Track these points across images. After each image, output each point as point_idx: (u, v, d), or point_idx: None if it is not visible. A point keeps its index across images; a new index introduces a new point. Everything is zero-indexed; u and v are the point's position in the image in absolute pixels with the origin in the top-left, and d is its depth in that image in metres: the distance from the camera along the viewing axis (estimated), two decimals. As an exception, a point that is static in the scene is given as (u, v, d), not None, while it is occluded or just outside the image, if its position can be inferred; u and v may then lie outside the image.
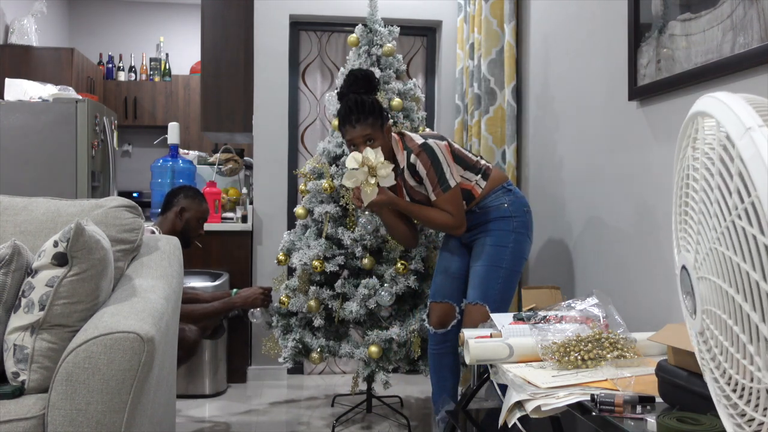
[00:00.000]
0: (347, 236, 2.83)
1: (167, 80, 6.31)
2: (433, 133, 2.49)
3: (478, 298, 2.36)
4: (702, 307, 0.84)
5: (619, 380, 1.36)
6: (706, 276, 0.82)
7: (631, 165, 2.16)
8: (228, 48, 3.96)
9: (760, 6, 1.51)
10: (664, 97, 1.96)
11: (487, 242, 2.40)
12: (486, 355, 1.56)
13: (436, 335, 2.53)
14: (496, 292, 2.35)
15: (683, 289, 0.92)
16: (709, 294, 0.81)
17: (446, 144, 2.38)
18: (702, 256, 0.82)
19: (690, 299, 0.88)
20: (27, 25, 5.17)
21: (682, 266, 0.91)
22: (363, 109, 2.30)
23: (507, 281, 2.38)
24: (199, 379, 3.45)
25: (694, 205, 0.85)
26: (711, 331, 0.83)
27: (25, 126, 3.83)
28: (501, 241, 2.39)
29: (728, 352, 0.78)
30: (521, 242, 2.41)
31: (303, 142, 3.99)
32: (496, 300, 2.34)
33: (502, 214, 2.40)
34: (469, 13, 3.50)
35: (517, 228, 2.40)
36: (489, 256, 2.38)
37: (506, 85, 3.16)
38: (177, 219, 2.88)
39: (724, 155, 0.76)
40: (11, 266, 1.72)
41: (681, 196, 0.92)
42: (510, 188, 2.47)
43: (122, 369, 1.52)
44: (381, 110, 2.36)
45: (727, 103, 0.76)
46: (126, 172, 6.26)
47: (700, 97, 0.86)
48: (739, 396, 0.77)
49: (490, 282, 2.36)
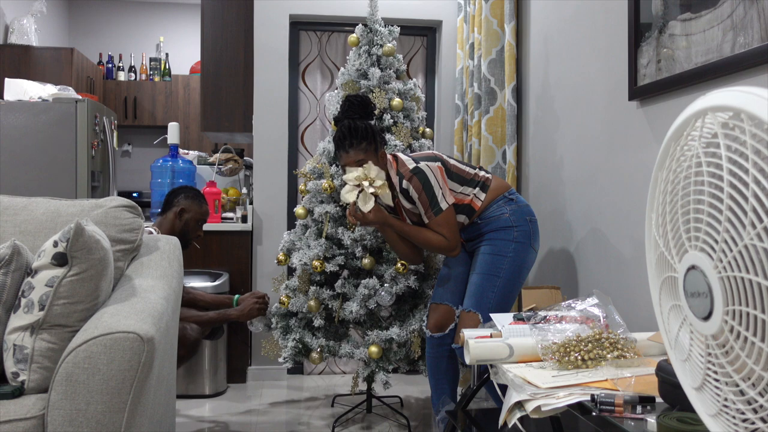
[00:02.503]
0: (347, 236, 2.83)
1: (167, 80, 6.31)
2: (426, 153, 2.48)
3: (471, 306, 2.37)
4: (725, 308, 0.81)
5: (619, 380, 1.36)
6: (737, 275, 0.78)
7: (632, 165, 2.16)
8: (228, 48, 3.96)
9: (760, 6, 1.51)
10: (664, 97, 1.96)
11: (486, 251, 2.40)
12: (486, 355, 1.56)
13: (432, 339, 2.52)
14: (491, 301, 2.35)
15: (688, 292, 0.89)
16: (737, 293, 0.78)
17: (439, 165, 2.38)
18: (733, 254, 0.79)
19: (702, 301, 0.86)
20: (27, 24, 5.17)
21: (689, 268, 0.89)
22: (356, 134, 2.33)
23: (504, 290, 2.37)
24: (199, 379, 3.45)
25: (716, 203, 0.82)
26: (735, 333, 0.80)
27: (25, 126, 3.83)
28: (500, 251, 2.38)
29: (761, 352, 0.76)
30: (522, 252, 2.39)
31: (303, 142, 3.99)
32: (491, 309, 2.33)
33: (503, 225, 2.40)
34: (469, 13, 3.50)
35: (518, 238, 2.39)
36: (487, 264, 2.38)
37: (506, 85, 3.16)
38: (176, 220, 2.88)
39: (762, 147, 0.73)
40: (11, 266, 1.72)
41: (684, 195, 0.90)
42: (512, 197, 2.45)
43: (122, 369, 1.52)
44: (375, 135, 2.37)
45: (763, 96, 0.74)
46: (126, 172, 6.26)
47: (707, 93, 0.84)
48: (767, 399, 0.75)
49: (486, 291, 2.36)
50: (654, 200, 1.00)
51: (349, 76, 3.01)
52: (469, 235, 2.49)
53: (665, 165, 0.95)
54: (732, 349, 0.81)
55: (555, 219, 2.80)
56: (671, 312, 0.98)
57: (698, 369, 0.90)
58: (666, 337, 1.02)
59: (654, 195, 1.00)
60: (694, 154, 0.87)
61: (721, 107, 0.81)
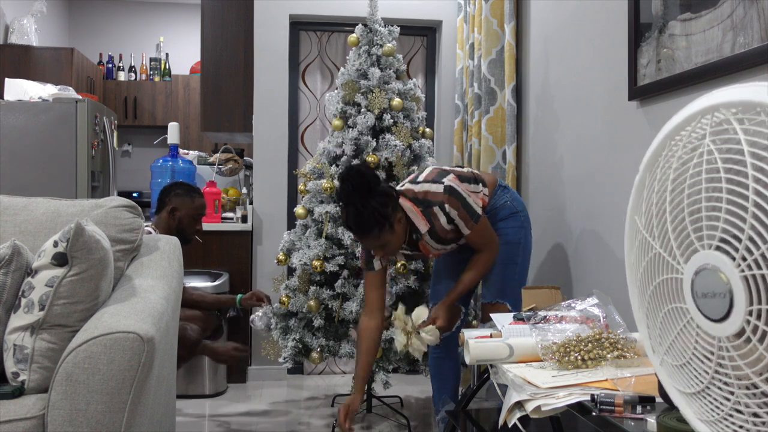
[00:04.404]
0: (347, 236, 2.83)
1: (167, 80, 6.31)
2: (436, 170, 2.35)
3: (497, 296, 2.39)
4: (748, 308, 0.79)
5: (619, 380, 1.36)
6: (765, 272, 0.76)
7: (632, 165, 2.16)
8: (228, 48, 3.96)
9: (760, 6, 1.51)
10: (664, 97, 1.96)
11: (500, 241, 2.40)
12: (486, 355, 1.56)
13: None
14: (514, 289, 2.37)
15: (699, 293, 0.87)
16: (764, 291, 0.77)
17: (454, 176, 2.29)
18: (762, 251, 0.77)
19: (717, 301, 0.83)
20: (27, 24, 5.17)
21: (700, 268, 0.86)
22: (362, 227, 2.15)
23: (521, 276, 2.43)
24: (199, 379, 3.45)
25: (740, 201, 0.79)
26: (761, 332, 0.78)
27: (25, 126, 3.83)
28: (513, 239, 2.41)
29: None
30: (529, 237, 2.47)
31: (303, 142, 3.99)
32: (515, 295, 2.35)
33: (510, 211, 2.43)
34: (469, 13, 3.50)
35: (524, 223, 2.45)
36: (504, 253, 2.39)
37: (506, 85, 3.16)
38: (170, 218, 2.83)
39: None
40: (11, 266, 1.72)
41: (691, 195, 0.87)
42: (505, 186, 2.50)
43: (122, 369, 1.52)
44: (383, 215, 2.15)
45: None
46: (126, 172, 6.26)
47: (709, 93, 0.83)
48: None
49: (508, 280, 2.39)
50: (641, 202, 0.98)
51: (349, 76, 3.01)
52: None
53: (658, 165, 0.94)
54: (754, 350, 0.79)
55: (555, 219, 2.80)
56: (666, 316, 0.96)
57: (700, 373, 0.89)
58: (649, 342, 1.00)
59: (641, 197, 0.98)
60: (704, 151, 0.85)
61: (737, 103, 0.79)
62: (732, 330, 0.82)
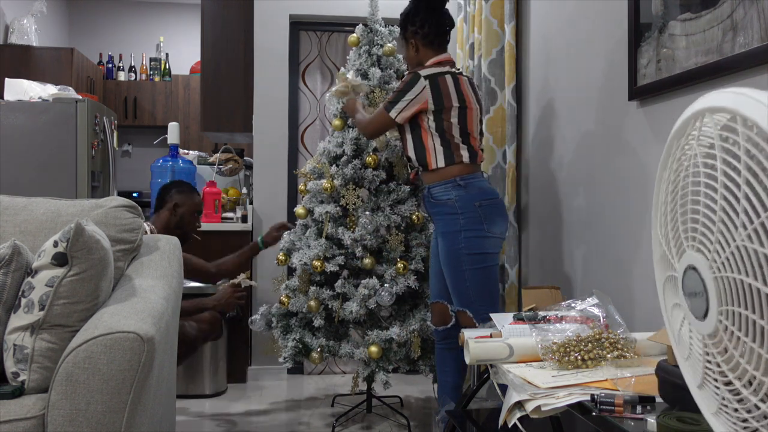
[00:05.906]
0: (347, 236, 2.83)
1: (167, 80, 6.31)
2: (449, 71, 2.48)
3: (458, 305, 2.41)
4: (719, 308, 0.82)
5: (619, 380, 1.36)
6: (729, 275, 0.79)
7: (631, 165, 2.16)
8: (228, 48, 3.96)
9: (760, 6, 1.51)
10: (664, 97, 1.96)
11: (442, 246, 2.41)
12: (486, 355, 1.56)
13: (437, 332, 2.59)
14: (471, 295, 2.36)
15: (686, 291, 0.90)
16: (731, 294, 0.79)
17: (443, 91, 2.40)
18: (726, 255, 0.79)
19: (699, 300, 0.86)
20: (27, 24, 5.17)
21: (686, 267, 0.89)
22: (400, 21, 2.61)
23: (476, 281, 2.36)
24: (199, 379, 3.45)
25: (711, 204, 0.83)
26: (729, 333, 0.80)
27: (25, 126, 3.83)
28: (452, 245, 2.37)
29: (753, 352, 0.76)
30: (475, 240, 2.35)
31: (303, 142, 3.99)
32: (474, 301, 2.35)
33: (448, 211, 2.39)
34: (469, 13, 3.50)
35: (465, 226, 2.35)
36: (447, 261, 2.39)
37: (506, 85, 3.16)
38: (171, 215, 2.88)
39: (753, 150, 0.74)
40: (11, 266, 1.72)
41: (683, 195, 0.90)
42: (462, 183, 2.39)
43: (122, 369, 1.52)
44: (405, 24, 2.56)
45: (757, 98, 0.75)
46: (126, 172, 6.26)
47: (706, 94, 0.85)
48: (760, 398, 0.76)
49: (460, 287, 2.38)
50: (658, 200, 1.01)
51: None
52: (426, 210, 2.53)
53: (668, 165, 0.96)
54: (726, 350, 0.81)
55: (555, 219, 2.80)
56: (673, 310, 0.99)
57: (698, 367, 0.91)
58: (671, 334, 1.03)
59: (658, 195, 1.00)
60: (694, 154, 0.88)
61: (717, 108, 0.82)
62: (708, 329, 0.85)
